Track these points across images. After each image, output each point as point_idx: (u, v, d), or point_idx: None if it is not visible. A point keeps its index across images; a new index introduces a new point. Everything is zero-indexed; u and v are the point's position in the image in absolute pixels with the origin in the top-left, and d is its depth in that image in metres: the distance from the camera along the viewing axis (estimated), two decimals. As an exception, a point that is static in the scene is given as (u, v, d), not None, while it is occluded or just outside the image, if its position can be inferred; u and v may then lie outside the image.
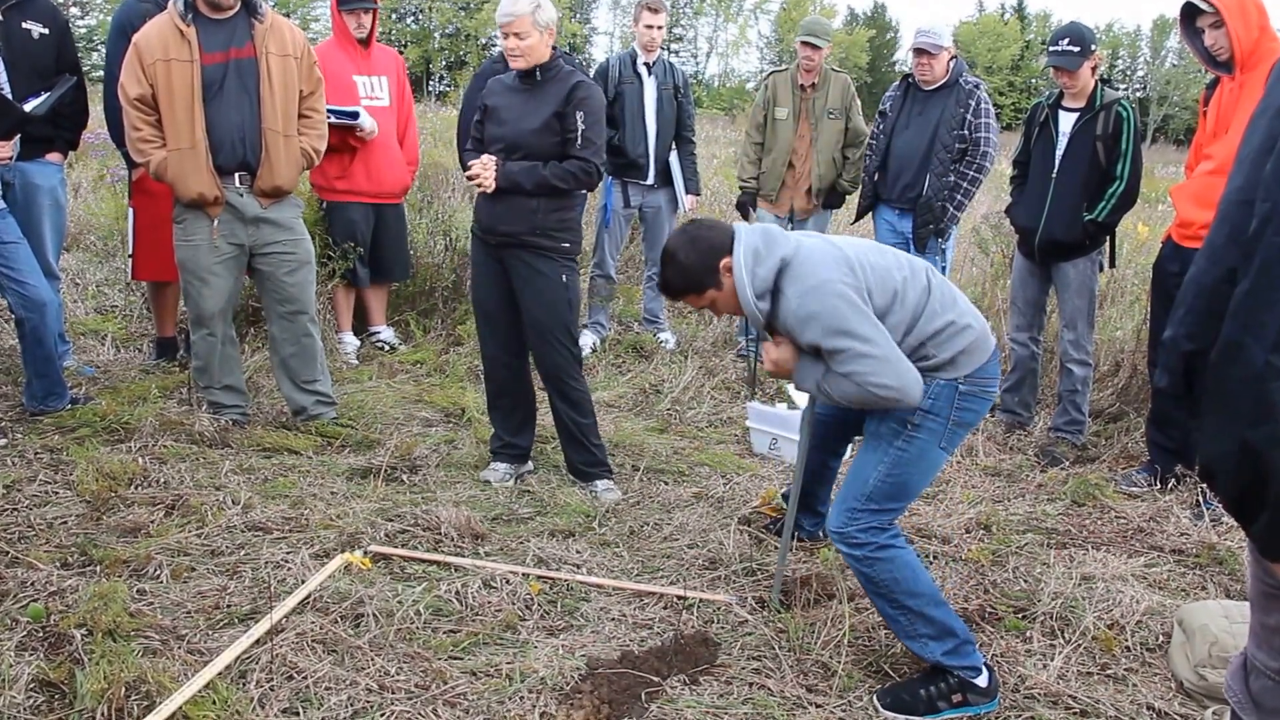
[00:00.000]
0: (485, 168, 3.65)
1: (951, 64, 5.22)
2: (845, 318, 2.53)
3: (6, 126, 4.23)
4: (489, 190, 3.67)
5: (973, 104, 5.14)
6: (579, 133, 3.69)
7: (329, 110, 4.54)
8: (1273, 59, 3.59)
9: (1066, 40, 4.41)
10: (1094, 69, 4.47)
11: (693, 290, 2.77)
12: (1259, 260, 1.23)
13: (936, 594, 2.66)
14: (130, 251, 5.05)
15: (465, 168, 3.82)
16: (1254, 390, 1.22)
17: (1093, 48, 4.41)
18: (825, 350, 2.57)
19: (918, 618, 2.62)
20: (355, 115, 5.14)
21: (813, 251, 2.64)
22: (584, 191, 4.28)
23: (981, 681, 2.63)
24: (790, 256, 2.63)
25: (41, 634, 2.65)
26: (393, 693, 2.50)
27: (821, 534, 3.57)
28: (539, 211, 3.70)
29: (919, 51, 5.16)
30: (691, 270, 2.73)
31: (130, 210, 4.99)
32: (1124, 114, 4.43)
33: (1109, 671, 2.80)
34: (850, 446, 3.58)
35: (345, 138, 5.19)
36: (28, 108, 4.28)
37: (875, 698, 2.62)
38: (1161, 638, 2.94)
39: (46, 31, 4.56)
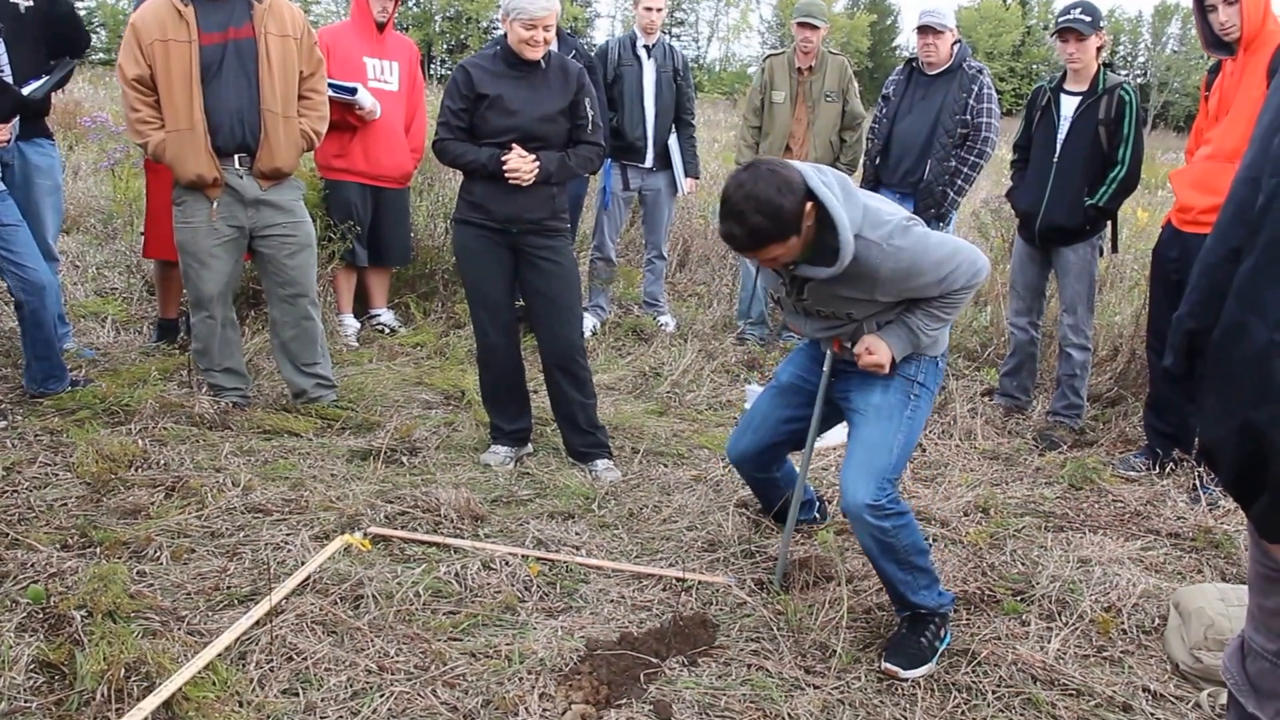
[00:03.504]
0: (526, 162, 3.66)
1: (955, 48, 5.19)
2: (938, 241, 2.65)
3: (4, 111, 4.20)
4: (525, 184, 3.68)
5: (976, 89, 5.12)
6: (589, 119, 3.83)
7: (328, 84, 4.51)
8: (1274, 42, 3.60)
9: (1079, 9, 4.41)
10: (1099, 50, 4.45)
11: (778, 239, 2.46)
12: (1264, 237, 1.22)
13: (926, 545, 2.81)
14: (144, 229, 5.06)
15: (463, 159, 3.73)
16: (1257, 370, 1.20)
17: (1101, 24, 4.40)
18: (937, 280, 2.61)
19: (922, 573, 2.73)
20: (353, 91, 5.12)
21: (870, 197, 2.68)
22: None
23: (947, 603, 2.79)
24: (865, 202, 2.59)
25: (41, 615, 2.65)
26: (392, 674, 2.51)
27: (818, 515, 3.58)
28: (556, 196, 3.83)
29: (924, 30, 5.13)
30: (784, 214, 2.42)
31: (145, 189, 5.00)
32: (1127, 98, 4.41)
33: (1105, 654, 2.81)
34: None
35: (345, 115, 5.18)
36: (25, 91, 4.25)
37: (888, 665, 2.63)
38: (1158, 620, 2.95)
39: (31, 3, 4.52)
